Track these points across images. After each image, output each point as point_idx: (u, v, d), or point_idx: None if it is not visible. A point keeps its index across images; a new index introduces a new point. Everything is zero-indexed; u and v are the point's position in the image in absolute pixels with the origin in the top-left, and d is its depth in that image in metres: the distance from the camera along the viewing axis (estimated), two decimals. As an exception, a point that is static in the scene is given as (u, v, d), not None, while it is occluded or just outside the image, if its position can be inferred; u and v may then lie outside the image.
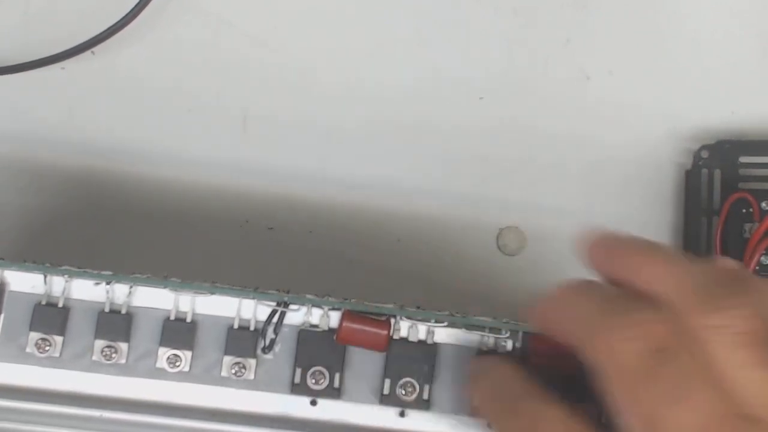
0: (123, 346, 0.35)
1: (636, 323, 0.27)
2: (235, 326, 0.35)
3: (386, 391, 0.35)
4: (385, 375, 0.35)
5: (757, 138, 0.46)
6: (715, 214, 0.44)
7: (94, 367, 0.35)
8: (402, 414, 0.35)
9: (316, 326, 0.35)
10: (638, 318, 0.27)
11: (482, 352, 0.35)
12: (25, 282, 0.35)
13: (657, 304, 0.27)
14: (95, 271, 0.35)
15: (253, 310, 0.35)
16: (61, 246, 0.44)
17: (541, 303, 0.31)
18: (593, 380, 0.28)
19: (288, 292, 0.36)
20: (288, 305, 0.35)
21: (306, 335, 0.35)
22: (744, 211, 0.43)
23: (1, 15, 0.46)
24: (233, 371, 0.35)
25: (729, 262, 0.30)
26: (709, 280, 0.28)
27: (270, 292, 0.35)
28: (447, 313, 0.35)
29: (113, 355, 0.35)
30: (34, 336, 0.35)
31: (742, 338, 0.26)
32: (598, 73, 0.47)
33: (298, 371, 0.35)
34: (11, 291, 0.35)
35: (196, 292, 0.35)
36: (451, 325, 0.35)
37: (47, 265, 0.35)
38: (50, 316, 0.35)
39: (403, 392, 0.35)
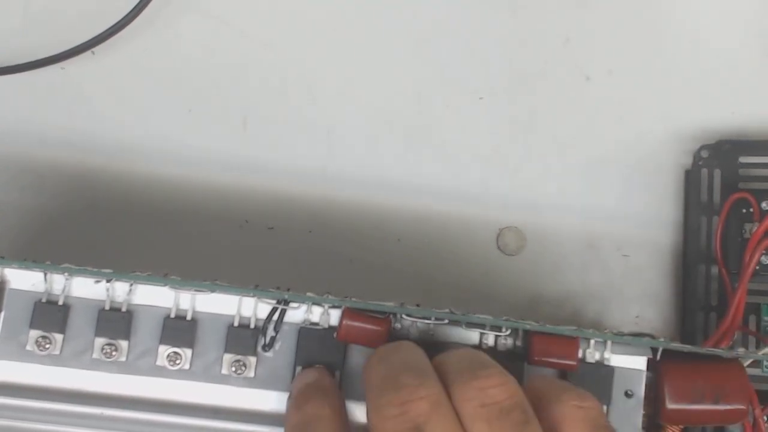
0: (123, 343, 0.35)
1: (401, 402, 0.29)
2: (236, 324, 0.35)
3: (387, 388, 0.35)
4: (386, 373, 0.35)
5: (757, 138, 0.46)
6: (715, 214, 0.44)
7: (95, 365, 0.35)
8: (402, 412, 0.35)
9: (316, 324, 0.35)
10: (404, 396, 0.29)
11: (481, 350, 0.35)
12: (25, 280, 0.35)
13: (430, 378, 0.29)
14: (95, 269, 0.35)
15: (253, 307, 0.35)
16: (61, 245, 0.44)
17: (367, 361, 0.32)
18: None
19: (288, 290, 0.35)
20: (288, 303, 0.35)
21: (306, 333, 0.35)
22: (744, 211, 0.43)
23: (1, 15, 0.47)
24: (233, 369, 0.35)
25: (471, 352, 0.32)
26: (467, 361, 0.30)
27: (270, 290, 0.35)
28: (447, 311, 0.35)
29: (113, 353, 0.35)
30: (35, 334, 0.35)
31: (486, 411, 0.28)
32: (598, 73, 0.47)
33: (299, 369, 0.35)
34: (11, 289, 0.35)
35: (196, 290, 0.35)
36: (452, 323, 0.35)
37: (47, 263, 0.35)
38: (50, 314, 0.35)
39: (404, 390, 0.35)
